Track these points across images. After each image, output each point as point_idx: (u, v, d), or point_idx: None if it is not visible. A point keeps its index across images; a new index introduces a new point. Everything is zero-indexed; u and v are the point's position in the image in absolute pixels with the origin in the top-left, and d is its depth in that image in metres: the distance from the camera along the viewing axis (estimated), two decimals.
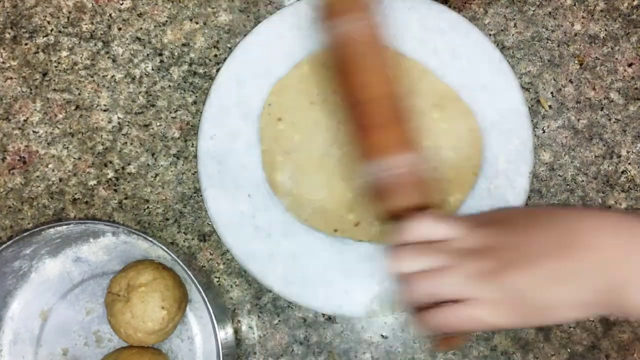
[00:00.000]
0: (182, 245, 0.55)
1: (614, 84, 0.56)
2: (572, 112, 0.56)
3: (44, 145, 0.56)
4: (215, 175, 0.54)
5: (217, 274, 0.55)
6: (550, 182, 0.55)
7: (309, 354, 0.54)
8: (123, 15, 0.56)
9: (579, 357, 0.55)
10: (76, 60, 0.56)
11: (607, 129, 0.55)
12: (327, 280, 0.53)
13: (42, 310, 0.55)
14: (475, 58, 0.54)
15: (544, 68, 0.56)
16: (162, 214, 0.55)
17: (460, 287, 0.42)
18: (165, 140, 0.56)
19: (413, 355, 0.54)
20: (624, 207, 0.55)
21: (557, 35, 0.56)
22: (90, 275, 0.55)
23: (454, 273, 0.43)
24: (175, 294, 0.51)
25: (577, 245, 0.41)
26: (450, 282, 0.43)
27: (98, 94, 0.56)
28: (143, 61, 0.56)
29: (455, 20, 0.54)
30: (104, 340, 0.55)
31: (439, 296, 0.43)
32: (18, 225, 0.55)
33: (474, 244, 0.44)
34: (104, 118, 0.56)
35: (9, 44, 0.56)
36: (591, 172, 0.55)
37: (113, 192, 0.55)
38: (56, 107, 0.56)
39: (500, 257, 0.42)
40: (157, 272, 0.51)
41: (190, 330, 0.54)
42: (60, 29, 0.56)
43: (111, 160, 0.56)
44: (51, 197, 0.55)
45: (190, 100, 0.56)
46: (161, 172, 0.56)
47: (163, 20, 0.56)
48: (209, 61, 0.56)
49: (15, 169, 0.56)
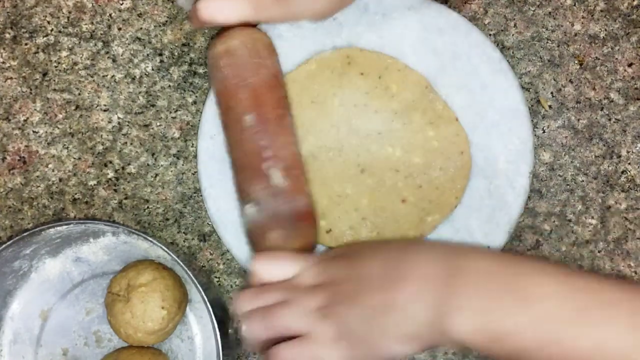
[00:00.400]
0: (182, 245, 0.55)
1: (614, 84, 0.56)
2: (572, 112, 0.56)
3: (44, 145, 0.56)
4: (215, 175, 0.54)
5: (217, 274, 0.55)
6: (550, 182, 0.55)
7: None
8: (123, 15, 0.56)
9: None
10: (76, 60, 0.56)
11: (607, 129, 0.55)
12: None
13: (42, 310, 0.55)
14: (475, 58, 0.54)
15: (544, 68, 0.56)
16: (162, 214, 0.55)
17: (299, 322, 0.42)
18: (165, 140, 0.56)
19: (413, 356, 0.54)
20: (624, 207, 0.55)
21: (557, 35, 0.56)
22: (90, 275, 0.55)
23: (292, 308, 0.43)
24: (175, 294, 0.51)
25: (400, 277, 0.41)
26: (287, 317, 0.43)
27: (98, 94, 0.56)
28: (143, 61, 0.56)
29: (455, 20, 0.54)
30: (104, 340, 0.55)
31: (279, 331, 0.43)
32: (18, 225, 0.55)
33: (315, 279, 0.44)
34: (104, 118, 0.56)
35: (9, 44, 0.56)
36: (591, 172, 0.55)
37: (113, 192, 0.55)
38: (56, 107, 0.56)
39: (334, 292, 0.42)
40: (157, 272, 0.51)
41: (190, 330, 0.54)
42: (60, 29, 0.56)
43: (111, 160, 0.56)
44: (51, 197, 0.55)
45: (190, 100, 0.56)
46: (161, 172, 0.56)
47: (163, 20, 0.56)
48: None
49: (15, 169, 0.56)
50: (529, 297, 0.38)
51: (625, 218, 0.55)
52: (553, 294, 0.38)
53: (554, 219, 0.55)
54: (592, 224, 0.55)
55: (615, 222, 0.55)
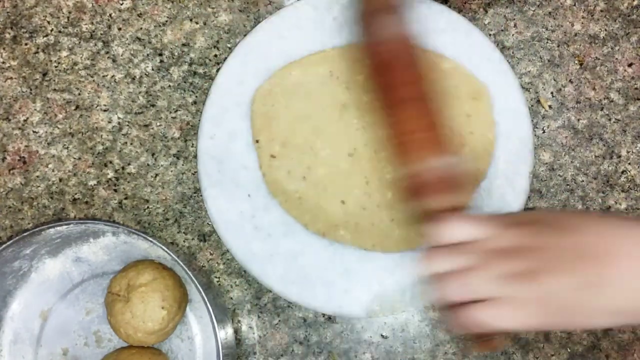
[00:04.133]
0: (182, 245, 0.55)
1: (614, 84, 0.56)
2: (572, 112, 0.56)
3: (44, 145, 0.56)
4: (215, 175, 0.54)
5: (217, 274, 0.55)
6: (550, 182, 0.55)
7: (309, 354, 0.54)
8: (123, 15, 0.56)
9: (579, 357, 0.55)
10: (76, 60, 0.56)
11: (607, 129, 0.55)
12: (327, 280, 0.53)
13: (42, 310, 0.55)
14: (475, 58, 0.54)
15: (544, 68, 0.56)
16: (162, 214, 0.55)
17: (491, 286, 0.42)
18: (165, 140, 0.56)
19: (413, 356, 0.54)
20: (624, 207, 0.55)
21: (557, 35, 0.56)
22: (90, 275, 0.55)
23: (485, 272, 0.43)
24: (175, 294, 0.51)
25: (613, 252, 0.41)
26: (481, 281, 0.43)
27: (98, 94, 0.56)
28: (143, 61, 0.56)
29: (455, 20, 0.54)
30: (104, 340, 0.55)
31: (470, 295, 0.43)
32: (18, 225, 0.55)
33: (506, 244, 0.43)
34: (104, 118, 0.56)
35: (9, 44, 0.56)
36: (591, 172, 0.55)
37: (113, 192, 0.55)
38: (56, 107, 0.56)
39: (532, 259, 0.42)
40: (157, 272, 0.51)
41: (190, 330, 0.54)
42: (60, 29, 0.56)
43: (111, 160, 0.56)
44: (51, 197, 0.55)
45: (190, 100, 0.56)
46: (161, 172, 0.56)
47: (163, 20, 0.56)
48: (209, 61, 0.56)
49: (15, 169, 0.56)
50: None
51: None
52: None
53: None
54: None
55: None
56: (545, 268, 0.42)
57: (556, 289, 0.41)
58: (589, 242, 0.42)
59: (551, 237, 0.43)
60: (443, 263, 0.44)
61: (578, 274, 0.41)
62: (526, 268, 0.42)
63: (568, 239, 0.43)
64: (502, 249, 0.43)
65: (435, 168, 0.48)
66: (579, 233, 0.43)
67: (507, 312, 0.42)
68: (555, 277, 0.41)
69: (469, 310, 0.42)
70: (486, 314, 0.42)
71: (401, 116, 0.49)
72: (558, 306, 0.41)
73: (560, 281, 0.41)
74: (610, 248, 0.41)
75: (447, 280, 0.44)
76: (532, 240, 0.43)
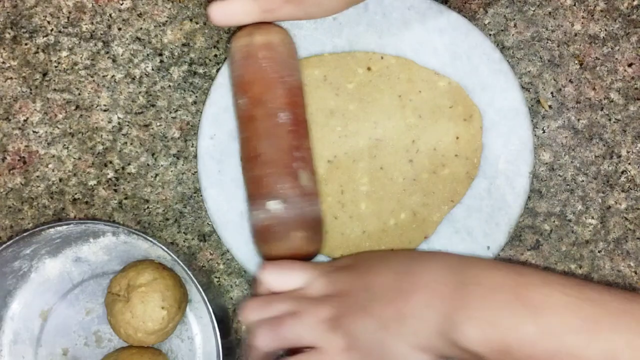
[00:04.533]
0: (182, 245, 0.55)
1: (614, 84, 0.56)
2: (572, 112, 0.56)
3: (44, 145, 0.56)
4: (215, 175, 0.54)
5: (217, 274, 0.55)
6: (550, 182, 0.55)
7: None
8: (123, 15, 0.56)
9: None
10: (76, 60, 0.56)
11: (607, 129, 0.55)
12: None
13: (42, 310, 0.55)
14: (475, 58, 0.54)
15: (544, 68, 0.56)
16: (162, 214, 0.55)
17: (309, 333, 0.42)
18: (165, 140, 0.56)
19: None
20: (624, 207, 0.55)
21: (557, 35, 0.56)
22: (90, 275, 0.55)
23: (302, 319, 0.42)
24: (175, 294, 0.51)
25: (410, 288, 0.41)
26: (298, 328, 0.42)
27: (98, 94, 0.56)
28: (143, 61, 0.56)
29: (455, 20, 0.54)
30: (104, 340, 0.55)
31: (288, 343, 0.42)
32: (18, 225, 0.55)
33: (324, 290, 0.43)
34: (104, 118, 0.56)
35: (9, 44, 0.56)
36: (591, 172, 0.55)
37: (113, 192, 0.55)
38: (56, 107, 0.56)
39: (344, 303, 0.42)
40: (157, 272, 0.51)
41: (190, 330, 0.54)
42: (60, 29, 0.56)
43: (111, 160, 0.56)
44: (51, 197, 0.55)
45: (190, 100, 0.56)
46: (161, 172, 0.56)
47: (163, 20, 0.56)
48: (209, 61, 0.56)
49: (15, 169, 0.56)
50: (537, 307, 0.38)
51: (625, 218, 0.55)
52: (561, 304, 0.38)
53: (554, 219, 0.55)
54: (592, 224, 0.55)
55: (615, 222, 0.55)
56: (347, 313, 0.41)
57: (360, 331, 0.41)
58: (387, 281, 0.42)
59: (355, 281, 0.43)
60: (260, 311, 0.44)
61: (377, 315, 0.41)
62: (336, 313, 0.42)
63: (372, 279, 0.43)
64: (320, 296, 0.43)
65: (273, 211, 0.47)
66: (382, 273, 0.43)
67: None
68: (360, 320, 0.41)
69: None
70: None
71: (251, 143, 0.48)
72: (366, 350, 0.41)
73: (364, 323, 0.41)
74: (407, 284, 0.41)
75: (261, 328, 0.43)
76: (344, 285, 0.43)
